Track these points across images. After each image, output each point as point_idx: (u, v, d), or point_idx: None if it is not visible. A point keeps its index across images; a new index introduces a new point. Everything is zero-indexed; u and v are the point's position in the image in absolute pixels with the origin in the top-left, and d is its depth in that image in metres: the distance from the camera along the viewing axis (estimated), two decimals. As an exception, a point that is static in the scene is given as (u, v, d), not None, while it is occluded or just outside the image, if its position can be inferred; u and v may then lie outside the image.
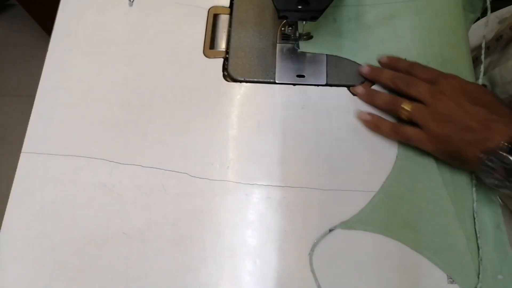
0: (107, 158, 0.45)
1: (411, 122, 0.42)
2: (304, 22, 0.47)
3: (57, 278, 0.42)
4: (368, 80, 0.47)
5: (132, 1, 0.51)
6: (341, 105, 0.47)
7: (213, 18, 0.52)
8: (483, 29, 0.48)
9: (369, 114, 0.45)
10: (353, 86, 0.48)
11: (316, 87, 0.48)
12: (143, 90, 0.48)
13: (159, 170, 0.45)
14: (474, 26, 0.61)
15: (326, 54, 0.49)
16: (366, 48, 0.48)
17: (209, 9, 0.52)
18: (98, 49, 0.51)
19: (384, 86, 0.46)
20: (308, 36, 0.49)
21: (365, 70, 0.47)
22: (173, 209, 0.44)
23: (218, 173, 0.45)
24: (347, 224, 0.42)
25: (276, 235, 0.43)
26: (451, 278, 0.40)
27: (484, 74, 0.53)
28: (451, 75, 0.42)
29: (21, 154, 0.46)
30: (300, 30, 0.49)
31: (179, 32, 0.51)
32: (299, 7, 0.42)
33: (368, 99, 0.46)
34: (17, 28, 1.48)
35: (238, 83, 0.49)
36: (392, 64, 0.46)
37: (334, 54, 0.49)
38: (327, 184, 0.44)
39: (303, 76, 0.49)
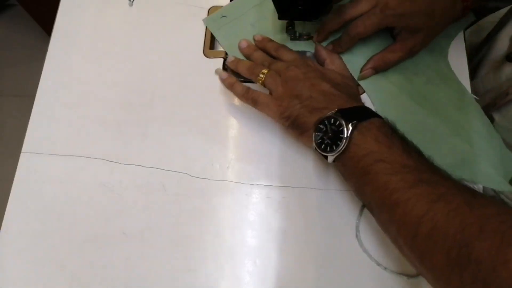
0: (107, 158, 0.45)
1: None
2: (304, 22, 0.48)
3: (57, 278, 0.42)
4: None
5: (132, 1, 0.51)
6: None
7: (213, 18, 0.52)
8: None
9: (226, 72, 0.47)
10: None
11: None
12: (143, 90, 0.48)
13: (159, 170, 0.45)
14: (470, 30, 0.61)
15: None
16: None
17: (209, 9, 0.52)
18: (98, 49, 0.50)
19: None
20: (308, 36, 0.49)
21: (243, 45, 0.49)
22: (173, 209, 0.44)
23: (218, 173, 0.45)
24: None
25: (276, 235, 0.43)
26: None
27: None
28: (310, 59, 0.45)
29: (21, 154, 0.46)
30: (300, 30, 0.49)
31: (179, 32, 0.51)
32: (299, 7, 0.42)
33: (233, 65, 0.47)
34: (17, 28, 1.48)
35: (238, 83, 0.49)
36: (262, 43, 0.48)
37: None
38: (327, 184, 0.44)
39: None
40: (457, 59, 0.49)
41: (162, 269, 0.42)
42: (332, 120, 0.38)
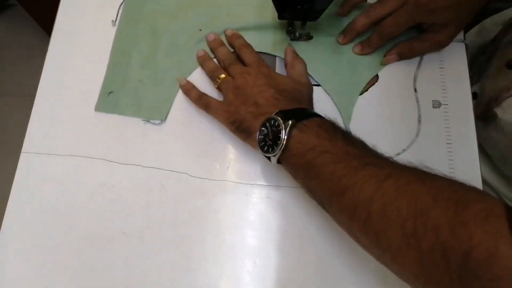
0: (107, 158, 0.45)
1: None
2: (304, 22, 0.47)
3: (57, 278, 0.42)
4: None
5: (115, 21, 0.51)
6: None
7: (213, 18, 0.52)
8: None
9: (185, 79, 0.48)
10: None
11: (316, 87, 0.48)
12: (143, 90, 0.48)
13: (159, 170, 0.45)
14: (472, 31, 0.61)
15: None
16: None
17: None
18: (98, 49, 0.50)
19: (217, 60, 0.49)
20: (308, 36, 0.49)
21: (210, 38, 0.50)
22: (173, 209, 0.44)
23: (218, 173, 0.45)
24: None
25: (276, 235, 0.43)
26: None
27: (476, 83, 0.53)
28: (266, 65, 0.46)
29: (21, 154, 0.46)
30: (299, 30, 0.49)
31: (179, 32, 0.51)
32: (299, 7, 0.42)
33: (201, 60, 0.49)
34: (17, 28, 1.48)
35: (238, 83, 0.49)
36: (231, 39, 0.49)
37: None
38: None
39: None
40: (457, 58, 0.49)
41: (162, 269, 0.42)
42: (272, 121, 0.38)
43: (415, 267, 0.29)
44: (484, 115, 0.50)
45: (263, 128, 0.39)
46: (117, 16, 0.51)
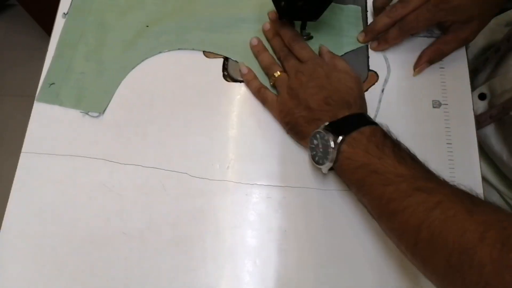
0: (107, 158, 0.45)
1: None
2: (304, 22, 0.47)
3: (57, 278, 0.42)
4: None
5: (66, 15, 0.51)
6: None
7: (213, 18, 0.52)
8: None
9: (247, 68, 0.48)
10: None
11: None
12: (143, 90, 0.48)
13: (159, 170, 0.45)
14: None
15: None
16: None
17: (209, 9, 0.52)
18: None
19: (273, 50, 0.49)
20: (308, 36, 0.49)
21: (266, 27, 0.49)
22: (173, 209, 0.44)
23: (218, 173, 0.45)
24: None
25: (276, 235, 0.43)
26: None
27: (484, 83, 0.53)
28: (321, 61, 0.45)
29: (21, 154, 0.46)
30: (299, 30, 0.49)
31: (179, 32, 0.51)
32: (299, 7, 0.42)
33: (255, 51, 0.49)
34: (17, 28, 1.48)
35: (238, 83, 0.49)
36: (281, 31, 0.48)
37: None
38: (327, 184, 0.44)
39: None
40: (457, 58, 0.49)
41: (162, 269, 0.42)
42: (322, 135, 0.39)
43: None
44: (500, 117, 0.49)
45: (313, 140, 0.40)
46: (69, 8, 0.51)
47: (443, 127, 0.46)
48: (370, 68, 0.49)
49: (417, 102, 0.47)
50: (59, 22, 0.52)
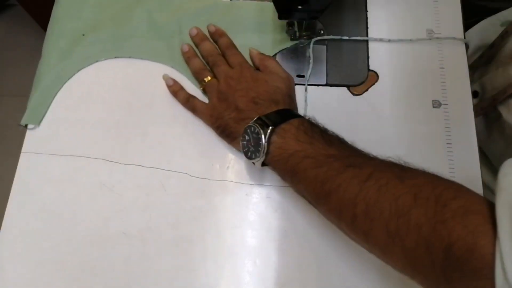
0: (107, 158, 0.45)
1: None
2: (304, 22, 0.47)
3: (57, 278, 0.42)
4: None
5: None
6: (341, 105, 0.47)
7: (213, 18, 0.52)
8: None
9: (172, 80, 0.48)
10: (353, 86, 0.48)
11: (316, 87, 0.48)
12: (143, 90, 0.48)
13: (159, 170, 0.45)
14: (471, 30, 0.61)
15: (326, 55, 0.49)
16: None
17: (209, 9, 0.52)
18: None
19: (201, 55, 0.49)
20: (309, 36, 0.49)
21: (192, 32, 0.50)
22: (173, 209, 0.44)
23: (218, 173, 0.45)
24: None
25: (276, 235, 0.43)
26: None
27: (476, 81, 0.53)
28: (249, 65, 0.47)
29: (21, 154, 0.46)
30: (299, 30, 0.49)
31: (179, 32, 0.51)
32: (299, 7, 0.42)
33: (186, 56, 0.49)
34: (17, 28, 1.48)
35: (238, 83, 0.49)
36: (214, 36, 0.50)
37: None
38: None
39: (303, 76, 0.49)
40: (457, 58, 0.49)
41: (162, 269, 0.42)
42: (252, 128, 0.39)
43: (402, 261, 0.31)
44: (487, 112, 0.50)
45: (245, 135, 0.40)
46: None
47: (443, 127, 0.46)
48: (370, 68, 0.49)
49: (417, 102, 0.47)
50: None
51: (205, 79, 0.47)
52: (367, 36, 0.50)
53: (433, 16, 0.51)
